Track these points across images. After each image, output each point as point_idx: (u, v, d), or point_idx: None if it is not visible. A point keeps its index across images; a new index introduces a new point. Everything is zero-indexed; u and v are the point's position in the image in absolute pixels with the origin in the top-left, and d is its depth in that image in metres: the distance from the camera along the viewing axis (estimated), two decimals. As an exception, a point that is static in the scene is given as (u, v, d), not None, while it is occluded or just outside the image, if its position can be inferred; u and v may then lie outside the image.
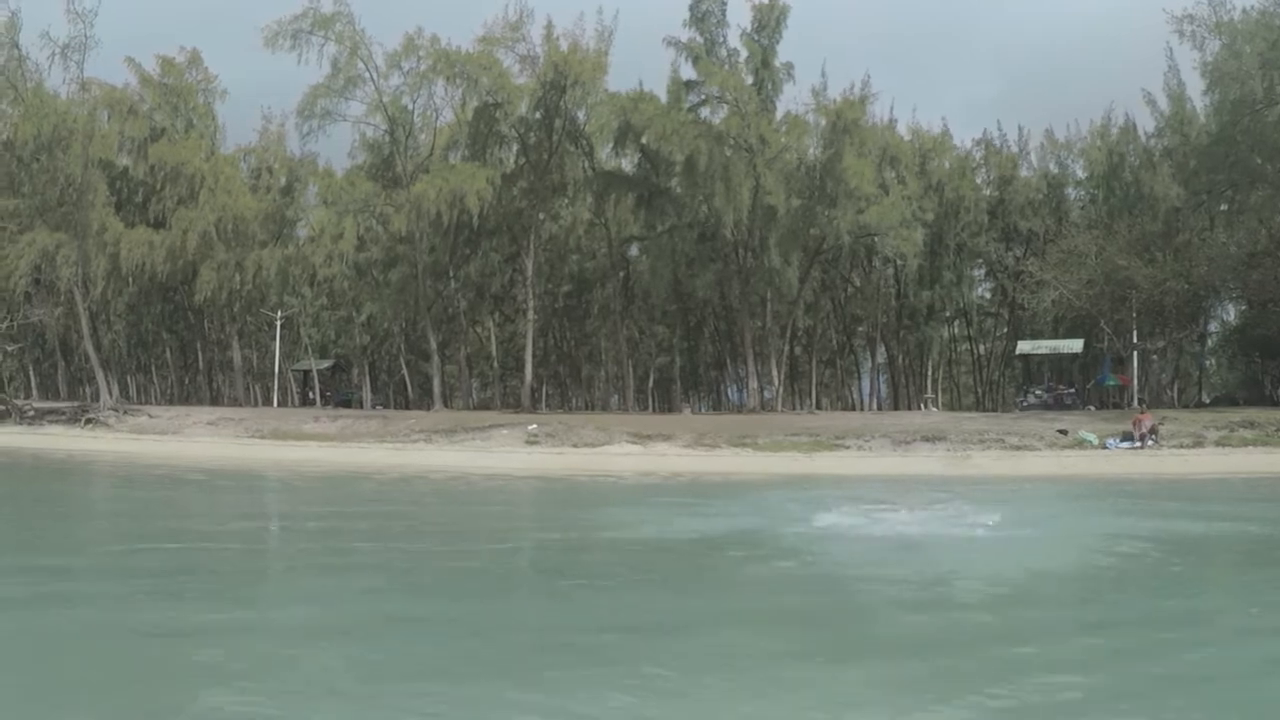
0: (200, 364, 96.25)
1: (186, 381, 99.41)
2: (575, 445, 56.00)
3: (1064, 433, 54.41)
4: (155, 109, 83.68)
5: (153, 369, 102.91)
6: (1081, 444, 52.80)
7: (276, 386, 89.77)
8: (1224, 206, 71.88)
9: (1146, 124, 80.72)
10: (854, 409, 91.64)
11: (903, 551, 20.56)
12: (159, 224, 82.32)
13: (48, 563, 18.40)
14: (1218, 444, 52.09)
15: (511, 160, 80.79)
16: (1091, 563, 18.78)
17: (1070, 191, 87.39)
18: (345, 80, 74.56)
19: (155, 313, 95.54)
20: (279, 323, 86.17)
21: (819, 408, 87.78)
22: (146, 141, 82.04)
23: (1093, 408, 71.44)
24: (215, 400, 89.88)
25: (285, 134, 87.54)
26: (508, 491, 39.38)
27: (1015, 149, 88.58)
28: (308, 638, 12.76)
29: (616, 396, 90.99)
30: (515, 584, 18.63)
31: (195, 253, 79.80)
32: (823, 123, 72.21)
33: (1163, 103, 76.70)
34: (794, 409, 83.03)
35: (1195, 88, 70.86)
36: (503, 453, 54.52)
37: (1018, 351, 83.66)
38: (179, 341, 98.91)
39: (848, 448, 53.80)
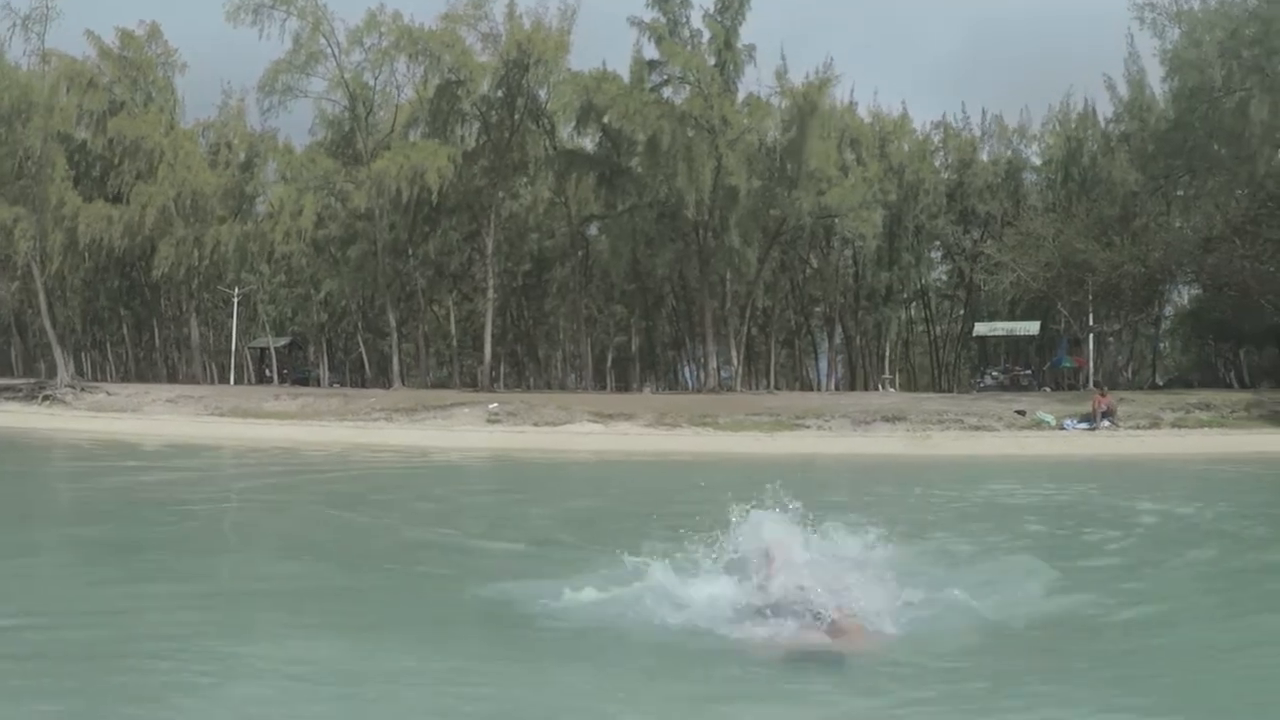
0: (156, 341, 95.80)
1: (141, 358, 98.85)
2: (536, 424, 56.05)
3: (1021, 413, 54.99)
4: (115, 82, 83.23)
5: (108, 346, 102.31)
6: (1039, 425, 53.42)
7: (233, 364, 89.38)
8: (1180, 192, 72.73)
9: (1105, 108, 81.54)
10: (811, 389, 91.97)
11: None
12: (117, 199, 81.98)
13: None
14: (1174, 425, 52.88)
15: (472, 138, 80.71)
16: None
17: (1028, 175, 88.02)
18: (306, 56, 74.36)
19: (111, 289, 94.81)
20: (236, 300, 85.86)
21: (777, 388, 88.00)
22: (105, 115, 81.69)
23: (1048, 389, 71.90)
24: (171, 378, 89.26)
25: (245, 109, 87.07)
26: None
27: (978, 132, 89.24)
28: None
29: (574, 376, 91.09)
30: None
31: (153, 228, 79.52)
32: (785, 105, 72.42)
33: (1122, 88, 77.55)
34: (752, 389, 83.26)
35: (1155, 74, 71.57)
36: (464, 431, 54.49)
37: (974, 333, 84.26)
38: (135, 318, 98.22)
39: (808, 428, 54.14)
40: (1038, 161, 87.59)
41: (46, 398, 67.55)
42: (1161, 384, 79.28)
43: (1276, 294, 67.53)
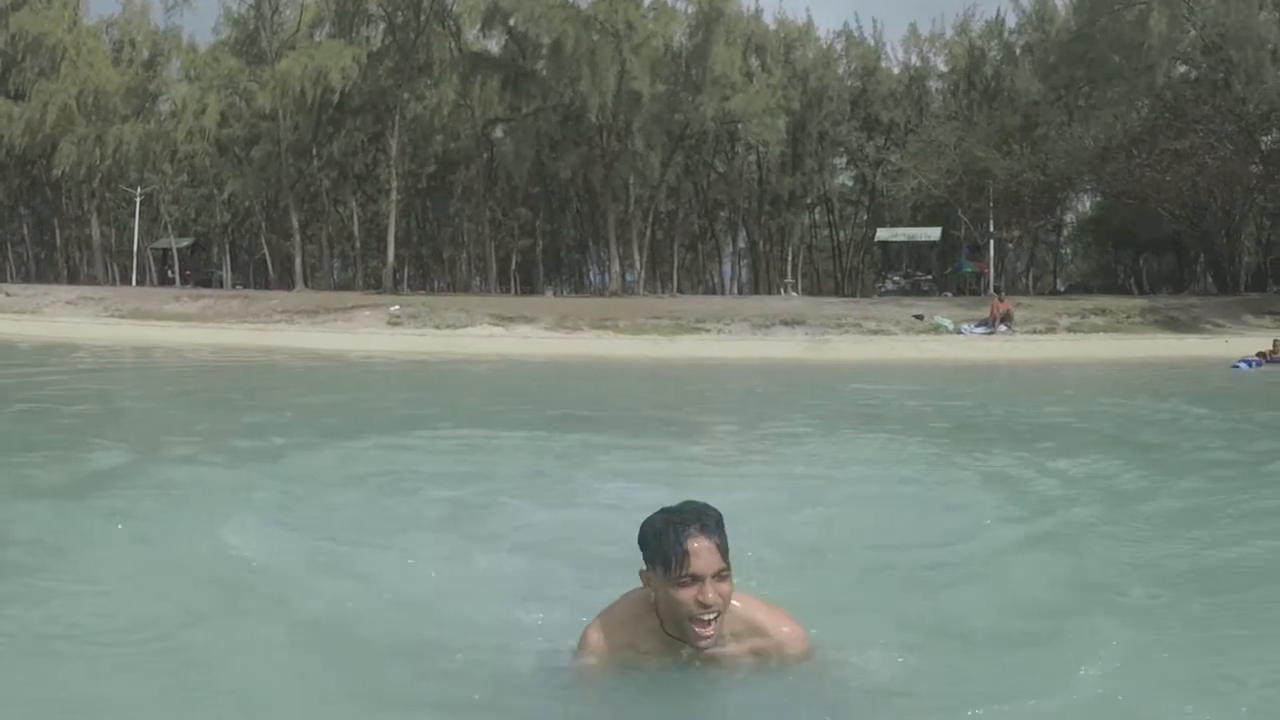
0: (57, 241, 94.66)
1: (42, 259, 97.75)
2: (437, 327, 56.30)
3: (920, 318, 55.67)
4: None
5: (8, 245, 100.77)
6: (937, 329, 54.09)
7: (135, 265, 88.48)
8: (1081, 102, 73.38)
9: (1009, 19, 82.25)
10: (715, 293, 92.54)
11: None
12: (18, 96, 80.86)
13: None
14: (1069, 330, 53.96)
15: (378, 39, 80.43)
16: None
17: (932, 84, 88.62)
18: (212, -49, 73.89)
19: (11, 187, 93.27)
20: (139, 200, 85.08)
21: (680, 291, 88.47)
22: (8, 10, 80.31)
23: (949, 294, 72.93)
24: (73, 278, 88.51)
25: (149, 6, 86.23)
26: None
27: (873, 42, 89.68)
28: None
29: (478, 279, 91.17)
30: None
31: (55, 126, 78.65)
32: (691, 10, 72.63)
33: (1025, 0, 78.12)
34: (656, 292, 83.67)
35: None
36: (364, 333, 54.58)
37: (877, 238, 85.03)
38: (35, 218, 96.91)
39: (708, 331, 54.68)
40: (943, 69, 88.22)
41: (-57, 299, 66.90)
42: (1063, 290, 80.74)
43: (1173, 203, 68.94)
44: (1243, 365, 36.44)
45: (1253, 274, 75.42)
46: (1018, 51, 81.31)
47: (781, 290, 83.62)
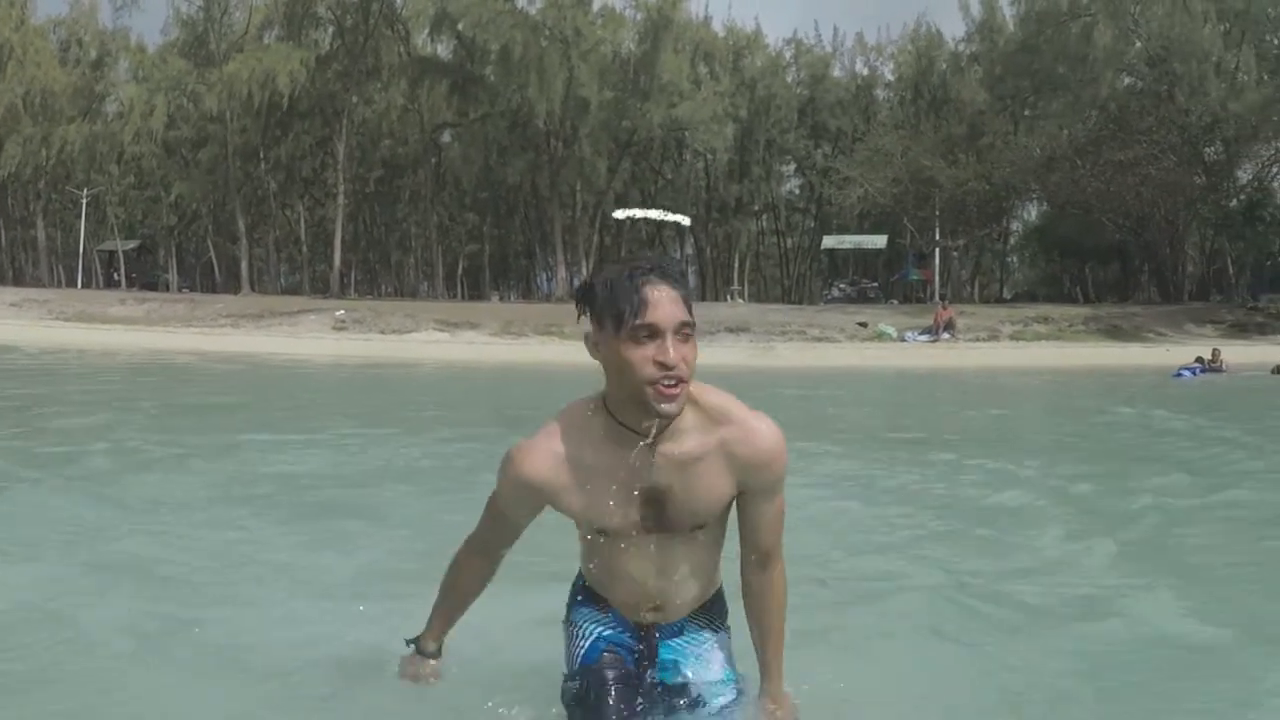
0: (2, 243, 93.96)
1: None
2: (383, 332, 56.10)
3: (864, 325, 55.95)
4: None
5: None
6: (881, 336, 54.32)
7: (81, 267, 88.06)
8: (1027, 112, 74.14)
9: (957, 29, 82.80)
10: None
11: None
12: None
13: None
14: (1012, 338, 54.31)
15: (327, 42, 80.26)
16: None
17: (879, 93, 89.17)
18: (161, -48, 73.63)
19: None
20: (85, 201, 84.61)
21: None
22: (-46, 9, 79.97)
23: (895, 302, 73.27)
24: (18, 280, 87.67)
25: (98, 6, 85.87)
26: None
27: (829, 49, 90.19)
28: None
29: (426, 284, 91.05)
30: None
31: (0, 126, 78.19)
32: (639, 17, 72.84)
33: (975, 10, 78.57)
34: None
35: (1006, -3, 73.35)
36: (310, 338, 54.28)
37: (823, 246, 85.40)
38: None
39: (654, 338, 54.62)
40: (891, 78, 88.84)
41: (-114, 302, 66.32)
42: (1009, 298, 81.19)
43: (1118, 213, 69.62)
44: (1185, 374, 36.99)
45: (1196, 283, 75.98)
46: (964, 62, 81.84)
47: (728, 297, 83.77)
